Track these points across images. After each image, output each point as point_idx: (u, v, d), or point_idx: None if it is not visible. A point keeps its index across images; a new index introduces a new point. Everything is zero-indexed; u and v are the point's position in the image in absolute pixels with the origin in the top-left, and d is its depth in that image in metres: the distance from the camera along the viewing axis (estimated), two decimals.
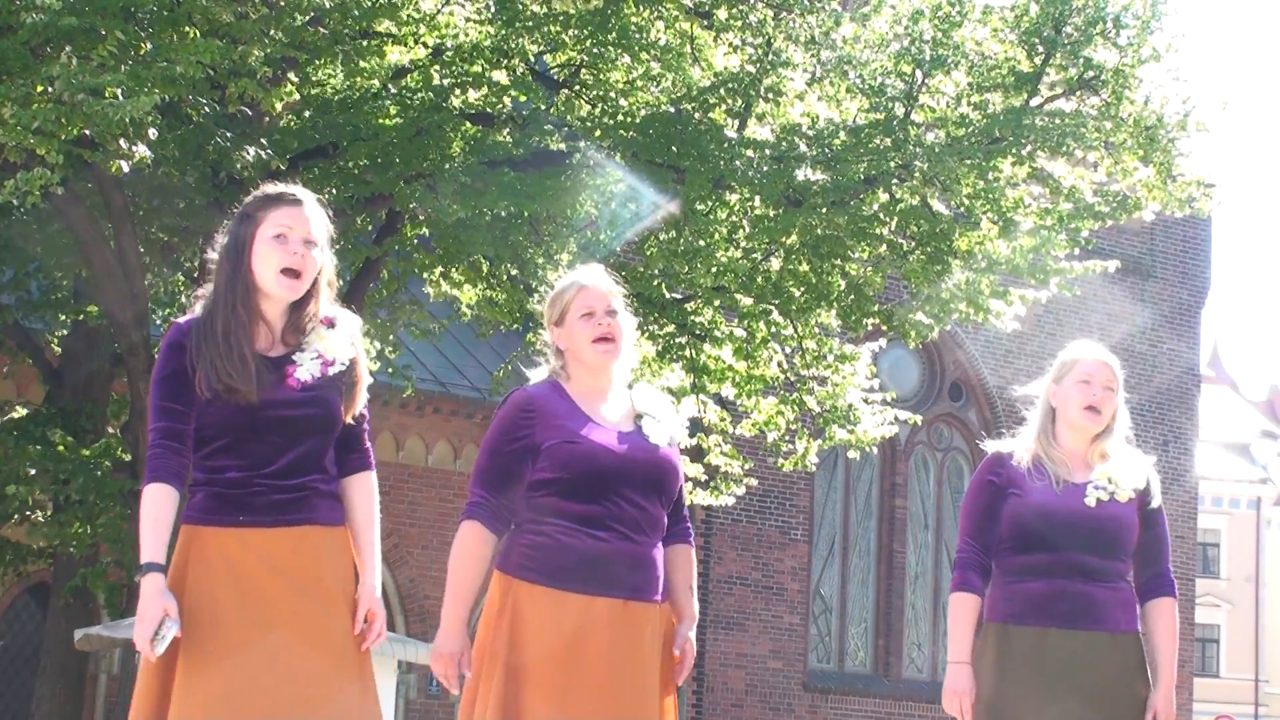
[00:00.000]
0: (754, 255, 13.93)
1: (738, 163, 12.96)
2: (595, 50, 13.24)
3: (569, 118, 13.62)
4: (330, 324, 4.19)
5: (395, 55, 13.73)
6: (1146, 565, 4.95)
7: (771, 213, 13.30)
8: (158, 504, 3.98)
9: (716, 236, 13.60)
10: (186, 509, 4.09)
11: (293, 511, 4.06)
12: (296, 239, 4.10)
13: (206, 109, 12.04)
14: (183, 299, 15.59)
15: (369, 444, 4.30)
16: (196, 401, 4.04)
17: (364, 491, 4.24)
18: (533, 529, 4.35)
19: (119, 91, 10.53)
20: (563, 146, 13.43)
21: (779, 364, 15.03)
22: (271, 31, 11.87)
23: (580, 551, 4.30)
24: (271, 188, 4.23)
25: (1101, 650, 4.79)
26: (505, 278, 14.88)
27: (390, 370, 16.03)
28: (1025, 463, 4.91)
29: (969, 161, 13.10)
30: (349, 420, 4.19)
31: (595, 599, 4.29)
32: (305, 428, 4.09)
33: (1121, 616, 4.83)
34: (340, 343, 4.17)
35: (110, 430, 15.40)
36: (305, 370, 4.10)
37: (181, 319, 4.16)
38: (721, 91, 13.40)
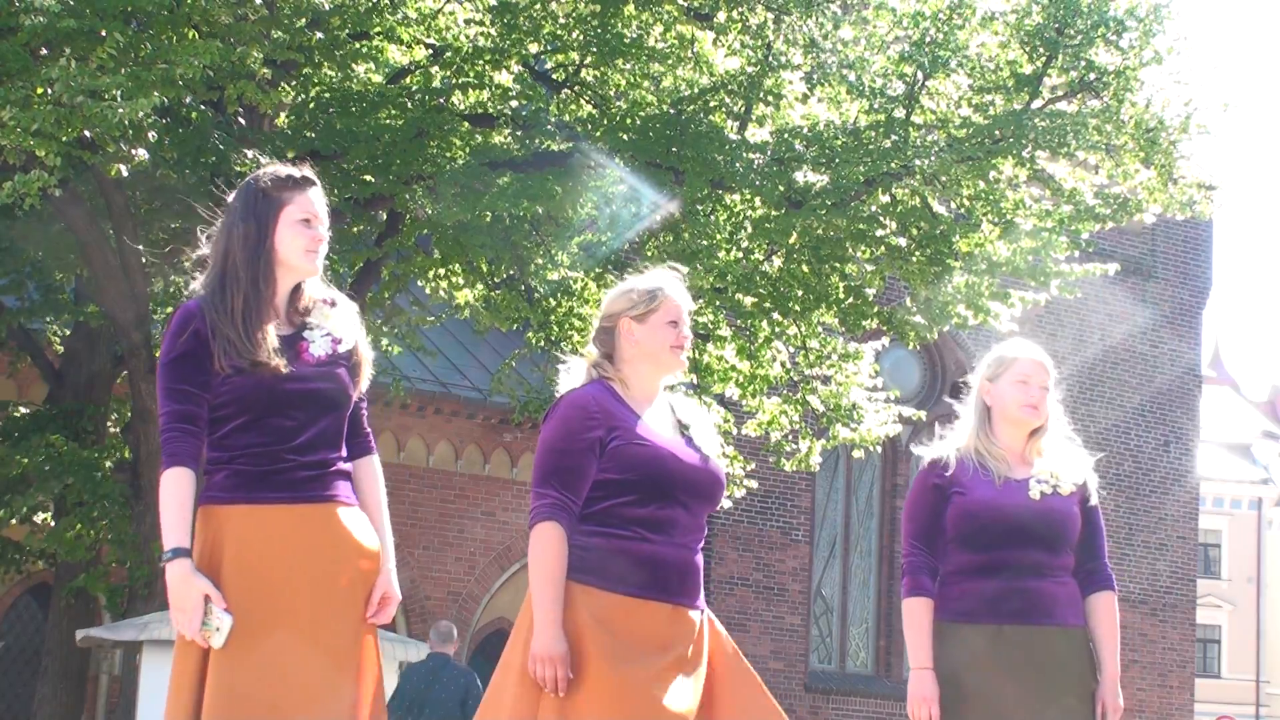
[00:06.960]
0: (754, 256, 13.91)
1: (738, 164, 12.95)
2: (595, 51, 13.24)
3: (569, 119, 13.61)
4: (332, 304, 4.24)
5: (395, 56, 13.72)
6: (1085, 560, 4.96)
7: (772, 214, 13.29)
8: (178, 488, 3.95)
9: (717, 237, 13.59)
10: (205, 489, 4.04)
11: (317, 488, 4.05)
12: (318, 222, 4.17)
13: (204, 108, 12.03)
14: (184, 299, 15.56)
15: (369, 428, 4.31)
16: (211, 382, 4.01)
17: (371, 475, 4.24)
18: (587, 530, 4.26)
19: (118, 93, 10.53)
20: (563, 147, 13.42)
21: (782, 364, 15.02)
22: (272, 34, 11.87)
23: (635, 554, 4.23)
24: (287, 169, 4.22)
25: (1055, 645, 4.80)
26: (504, 278, 14.87)
27: (392, 378, 16.02)
28: (968, 459, 4.91)
29: (969, 162, 13.08)
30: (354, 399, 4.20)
31: (646, 603, 4.23)
32: (324, 401, 4.09)
33: (1069, 612, 4.86)
34: (344, 323, 4.21)
35: (111, 431, 15.39)
36: (318, 346, 4.13)
37: (188, 302, 4.13)
38: (721, 93, 13.40)
